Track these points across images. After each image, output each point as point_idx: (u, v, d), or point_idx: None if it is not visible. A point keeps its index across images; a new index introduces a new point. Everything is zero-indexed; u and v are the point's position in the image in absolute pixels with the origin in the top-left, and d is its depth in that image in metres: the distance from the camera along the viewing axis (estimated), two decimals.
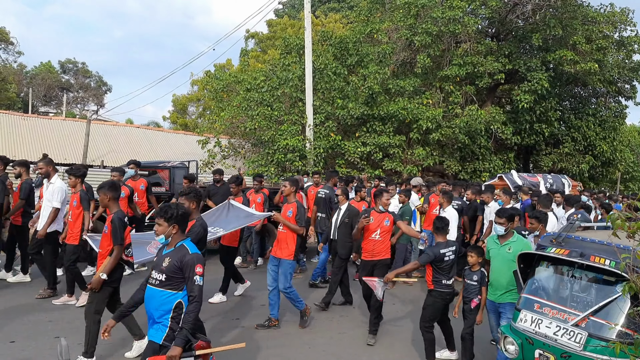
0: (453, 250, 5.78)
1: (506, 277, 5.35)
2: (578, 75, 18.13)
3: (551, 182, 13.42)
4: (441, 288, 5.72)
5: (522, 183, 12.82)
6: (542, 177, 13.63)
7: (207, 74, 22.12)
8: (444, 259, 5.65)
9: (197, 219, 5.33)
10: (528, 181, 13.14)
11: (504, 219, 5.52)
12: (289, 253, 6.85)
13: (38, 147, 22.56)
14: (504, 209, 5.96)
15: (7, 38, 45.62)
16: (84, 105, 49.48)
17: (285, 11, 44.20)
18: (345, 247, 8.00)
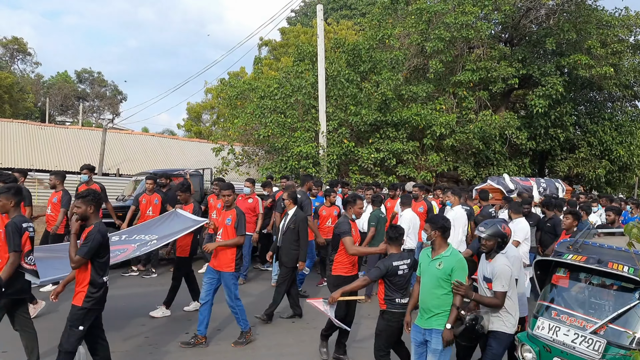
0: (408, 263, 5.10)
1: (434, 297, 4.51)
2: (593, 79, 17.96)
3: (544, 186, 13.08)
4: (395, 308, 5.02)
5: (514, 187, 12.53)
6: (535, 181, 13.26)
7: (221, 82, 22.31)
8: (397, 273, 5.00)
9: (95, 225, 4.76)
10: (521, 185, 12.78)
11: (430, 226, 4.64)
12: (229, 264, 6.29)
13: (55, 156, 22.89)
14: (435, 216, 5.05)
15: (25, 49, 46.44)
16: (99, 114, 50.09)
17: (297, 19, 44.47)
18: (290, 256, 7.43)
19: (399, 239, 5.20)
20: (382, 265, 5.03)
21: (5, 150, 22.28)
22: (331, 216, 9.52)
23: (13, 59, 46.89)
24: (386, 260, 5.10)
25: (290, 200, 7.80)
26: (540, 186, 12.91)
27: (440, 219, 4.74)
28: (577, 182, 21.51)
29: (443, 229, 4.59)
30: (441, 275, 4.48)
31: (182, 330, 6.87)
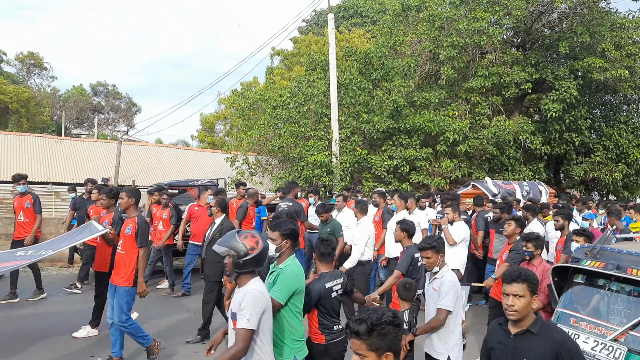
0: (341, 282, 4.43)
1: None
2: (608, 82, 17.77)
3: (528, 189, 12.93)
4: (336, 337, 4.30)
5: (497, 191, 12.32)
6: (518, 185, 13.12)
7: (234, 93, 22.44)
8: (331, 296, 4.31)
9: None
10: (504, 189, 12.60)
11: (276, 233, 3.95)
12: (126, 278, 5.73)
13: (71, 168, 23.16)
14: (279, 221, 4.12)
15: (41, 63, 47.21)
16: (114, 127, 50.68)
17: (309, 28, 44.66)
18: (214, 269, 6.74)
19: (331, 255, 4.51)
20: (315, 289, 4.24)
21: (22, 163, 22.60)
22: None
23: (30, 74, 47.68)
24: (318, 281, 4.34)
25: (218, 207, 7.29)
26: (524, 189, 12.79)
27: (289, 224, 4.07)
28: (594, 186, 21.26)
29: (291, 234, 3.99)
30: (277, 294, 3.86)
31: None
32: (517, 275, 3.16)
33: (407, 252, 5.88)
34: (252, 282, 3.43)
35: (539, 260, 5.64)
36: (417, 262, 5.80)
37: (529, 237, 5.73)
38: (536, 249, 5.65)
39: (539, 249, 5.67)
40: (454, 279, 4.49)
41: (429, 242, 4.60)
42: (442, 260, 4.60)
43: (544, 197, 12.89)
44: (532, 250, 5.65)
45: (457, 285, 4.48)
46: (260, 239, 3.50)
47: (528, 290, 3.12)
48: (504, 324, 3.28)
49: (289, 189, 10.08)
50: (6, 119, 36.45)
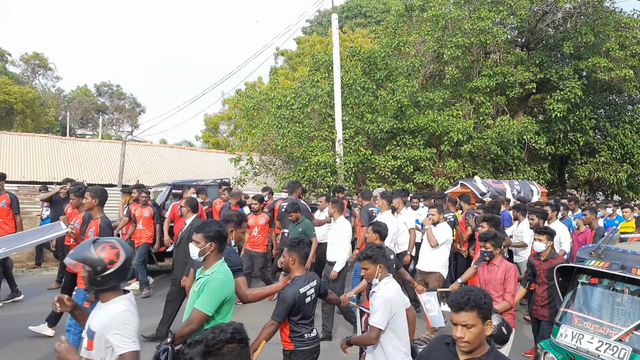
0: (315, 285, 4.28)
1: None
2: (612, 82, 17.71)
3: (518, 188, 12.70)
4: (305, 345, 4.15)
5: (486, 190, 12.12)
6: (508, 184, 12.84)
7: (238, 93, 22.47)
8: (305, 301, 4.13)
9: None
10: (493, 188, 12.35)
11: (200, 236, 3.69)
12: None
13: (76, 168, 23.22)
14: (204, 223, 3.87)
15: (46, 64, 47.36)
16: (119, 127, 50.83)
17: (313, 28, 44.70)
18: (182, 270, 6.33)
19: (304, 257, 4.30)
20: (289, 294, 4.05)
21: (27, 163, 22.69)
22: (257, 225, 8.87)
23: (34, 74, 47.84)
24: (290, 287, 4.14)
25: (188, 207, 7.13)
26: (515, 188, 12.57)
27: (214, 225, 3.79)
28: (598, 186, 21.20)
29: (220, 239, 3.72)
30: (195, 300, 3.61)
31: None
32: (464, 302, 2.67)
33: None
34: (117, 300, 2.88)
35: (499, 260, 5.40)
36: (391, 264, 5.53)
37: (487, 236, 5.45)
38: (495, 249, 5.38)
39: (498, 248, 5.39)
40: (387, 294, 4.01)
41: (364, 252, 4.19)
42: (382, 272, 4.14)
43: (535, 196, 12.67)
44: (491, 250, 5.39)
45: (390, 301, 3.98)
46: (122, 249, 2.92)
47: (479, 318, 2.65)
48: (452, 344, 2.82)
49: (292, 188, 9.97)
50: (11, 119, 36.59)
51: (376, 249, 4.21)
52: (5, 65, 44.05)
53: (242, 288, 4.26)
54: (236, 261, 4.41)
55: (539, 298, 5.90)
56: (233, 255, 4.43)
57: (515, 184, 12.92)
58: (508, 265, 5.33)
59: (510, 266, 5.31)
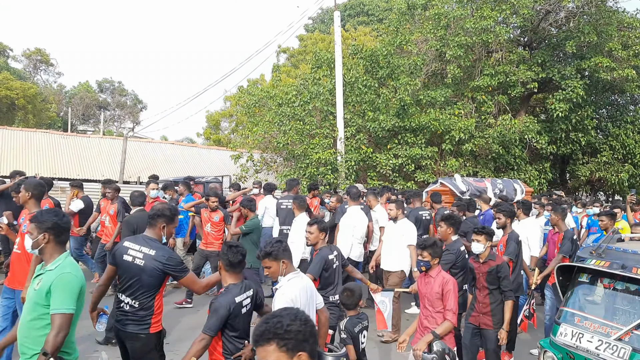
0: (251, 295, 3.85)
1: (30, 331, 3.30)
2: (615, 82, 17.70)
3: (501, 187, 12.28)
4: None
5: (466, 188, 11.74)
6: (490, 182, 12.41)
7: (240, 90, 22.46)
8: (240, 312, 3.72)
9: None
10: (474, 186, 11.92)
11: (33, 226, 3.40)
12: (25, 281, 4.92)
13: (77, 164, 23.25)
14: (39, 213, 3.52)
15: (48, 60, 47.37)
16: (120, 123, 50.82)
17: (315, 26, 44.68)
18: None
19: (241, 263, 3.85)
20: (223, 305, 3.60)
21: (29, 159, 22.71)
22: (211, 221, 8.54)
23: (36, 70, 47.86)
24: (224, 296, 3.69)
25: (131, 203, 7.13)
26: (497, 187, 12.20)
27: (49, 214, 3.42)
28: (600, 186, 21.17)
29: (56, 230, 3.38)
30: (39, 300, 3.25)
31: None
32: (259, 332, 2.10)
33: (320, 254, 5.07)
34: None
35: (436, 271, 4.77)
36: (331, 264, 5.11)
37: (424, 244, 4.79)
38: (433, 258, 4.77)
39: (436, 257, 4.78)
40: (289, 292, 3.63)
41: (264, 249, 3.82)
42: (287, 267, 3.77)
43: (519, 195, 12.34)
44: (428, 259, 4.75)
45: (291, 300, 3.56)
46: None
47: (282, 352, 2.05)
48: None
49: (290, 186, 9.88)
50: (13, 114, 36.61)
51: (275, 244, 3.84)
52: (7, 61, 44.05)
53: (196, 283, 4.26)
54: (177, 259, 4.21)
55: (480, 304, 5.39)
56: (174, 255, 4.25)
57: (497, 183, 12.55)
58: (445, 278, 4.69)
59: (447, 279, 4.68)
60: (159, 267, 4.03)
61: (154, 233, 4.24)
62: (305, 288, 3.79)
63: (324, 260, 5.00)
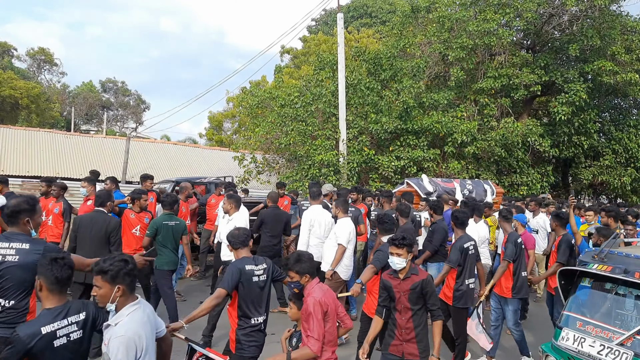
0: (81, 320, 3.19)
1: None
2: (618, 86, 17.68)
3: (470, 188, 12.03)
4: None
5: (433, 189, 11.50)
6: (459, 183, 12.17)
7: (242, 91, 22.48)
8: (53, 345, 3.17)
9: None
10: (441, 187, 11.72)
11: None
12: None
13: (80, 164, 23.28)
14: None
15: (51, 59, 47.49)
16: (123, 123, 50.90)
17: (318, 27, 44.71)
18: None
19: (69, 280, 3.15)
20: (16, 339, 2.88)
21: (32, 158, 22.75)
22: (140, 223, 7.73)
23: (40, 70, 47.97)
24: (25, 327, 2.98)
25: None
26: (466, 188, 11.97)
27: None
28: (602, 190, 21.14)
29: None
30: None
31: None
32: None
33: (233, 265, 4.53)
34: None
35: (308, 290, 4.10)
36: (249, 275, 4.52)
37: (287, 263, 4.17)
38: (302, 276, 4.10)
39: (305, 274, 4.10)
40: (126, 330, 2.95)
41: (99, 264, 3.09)
42: (122, 296, 3.05)
43: (489, 196, 12.12)
44: (296, 279, 4.12)
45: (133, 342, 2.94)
46: None
47: None
48: None
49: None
50: (16, 114, 36.68)
51: (117, 263, 3.07)
52: (11, 60, 44.17)
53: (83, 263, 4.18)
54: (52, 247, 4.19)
55: (402, 330, 4.48)
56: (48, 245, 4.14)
57: (467, 184, 12.31)
58: (308, 301, 4.01)
59: (309, 301, 4.00)
60: (37, 260, 3.57)
61: (20, 229, 4.04)
62: (149, 320, 3.17)
63: (239, 270, 4.42)
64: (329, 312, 4.06)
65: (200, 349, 3.91)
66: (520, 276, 6.59)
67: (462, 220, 6.44)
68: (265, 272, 4.57)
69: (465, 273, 6.28)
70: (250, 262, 4.48)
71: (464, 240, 6.30)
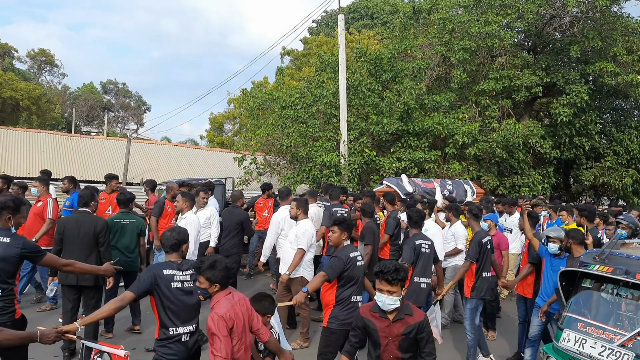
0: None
1: None
2: (619, 87, 17.65)
3: (450, 188, 11.97)
4: None
5: (412, 190, 11.44)
6: (439, 184, 12.07)
7: (243, 92, 22.48)
8: None
9: None
10: (421, 187, 11.67)
11: None
12: None
13: (81, 165, 23.32)
14: None
15: (52, 61, 47.60)
16: (124, 125, 50.99)
17: (319, 29, 44.74)
18: None
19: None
20: None
21: (32, 160, 22.78)
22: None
23: (41, 71, 48.07)
24: None
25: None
26: (446, 188, 11.92)
27: None
28: (603, 191, 21.10)
29: None
30: None
31: None
32: None
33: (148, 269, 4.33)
34: None
35: (214, 300, 3.74)
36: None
37: (198, 267, 3.76)
38: (212, 284, 3.71)
39: (215, 284, 3.71)
40: None
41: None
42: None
43: (469, 196, 12.07)
44: (204, 286, 3.73)
45: None
46: None
47: None
48: None
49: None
50: (17, 115, 36.73)
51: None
52: (12, 62, 44.23)
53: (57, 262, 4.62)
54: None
55: None
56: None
57: (447, 184, 12.23)
58: (211, 318, 3.61)
59: (211, 318, 3.60)
60: (17, 253, 4.23)
61: (2, 224, 4.36)
62: None
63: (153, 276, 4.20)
64: (235, 328, 3.64)
65: (95, 345, 3.82)
66: (481, 276, 6.43)
67: (415, 220, 6.39)
68: (193, 277, 4.12)
69: (416, 271, 6.23)
70: (171, 267, 4.11)
71: (417, 238, 6.23)
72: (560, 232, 6.09)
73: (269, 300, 4.26)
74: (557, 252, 6.01)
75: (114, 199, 8.61)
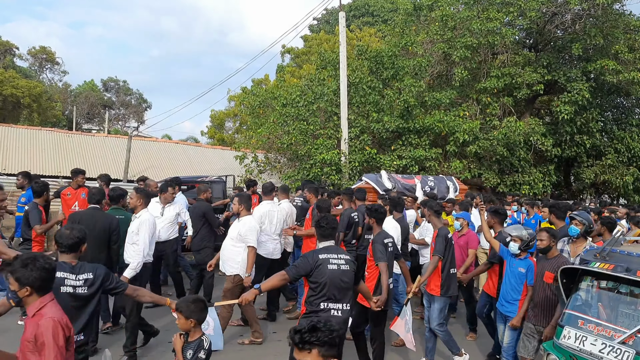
0: None
1: None
2: (621, 85, 17.63)
3: (432, 185, 11.65)
4: None
5: (392, 186, 11.10)
6: (420, 180, 11.77)
7: (244, 90, 22.47)
8: None
9: None
10: (401, 184, 11.32)
11: None
12: None
13: (82, 163, 23.28)
14: None
15: (53, 58, 47.56)
16: (125, 122, 50.99)
17: (319, 26, 44.67)
18: None
19: None
20: None
21: (34, 157, 22.79)
22: None
23: (42, 68, 48.05)
24: None
25: None
26: (427, 185, 11.60)
27: None
28: (604, 189, 21.08)
29: None
30: None
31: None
32: None
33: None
34: None
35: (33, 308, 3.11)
36: None
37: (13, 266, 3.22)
38: (22, 287, 3.14)
39: (27, 286, 3.12)
40: None
41: None
42: None
43: (452, 193, 11.83)
44: (15, 289, 3.14)
45: None
46: None
47: None
48: None
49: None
50: (18, 113, 36.73)
51: None
52: (13, 59, 44.21)
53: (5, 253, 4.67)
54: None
55: None
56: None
57: (429, 180, 11.94)
58: (43, 323, 3.03)
59: (44, 324, 3.02)
60: None
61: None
62: None
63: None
64: (71, 340, 3.09)
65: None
66: (448, 273, 6.29)
67: (379, 217, 6.16)
68: (88, 283, 3.82)
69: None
70: (63, 269, 3.75)
71: (383, 235, 5.98)
72: (522, 230, 5.88)
73: (199, 306, 3.77)
74: (517, 252, 5.80)
75: (80, 194, 8.49)
